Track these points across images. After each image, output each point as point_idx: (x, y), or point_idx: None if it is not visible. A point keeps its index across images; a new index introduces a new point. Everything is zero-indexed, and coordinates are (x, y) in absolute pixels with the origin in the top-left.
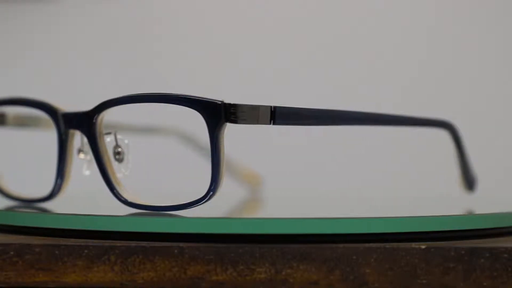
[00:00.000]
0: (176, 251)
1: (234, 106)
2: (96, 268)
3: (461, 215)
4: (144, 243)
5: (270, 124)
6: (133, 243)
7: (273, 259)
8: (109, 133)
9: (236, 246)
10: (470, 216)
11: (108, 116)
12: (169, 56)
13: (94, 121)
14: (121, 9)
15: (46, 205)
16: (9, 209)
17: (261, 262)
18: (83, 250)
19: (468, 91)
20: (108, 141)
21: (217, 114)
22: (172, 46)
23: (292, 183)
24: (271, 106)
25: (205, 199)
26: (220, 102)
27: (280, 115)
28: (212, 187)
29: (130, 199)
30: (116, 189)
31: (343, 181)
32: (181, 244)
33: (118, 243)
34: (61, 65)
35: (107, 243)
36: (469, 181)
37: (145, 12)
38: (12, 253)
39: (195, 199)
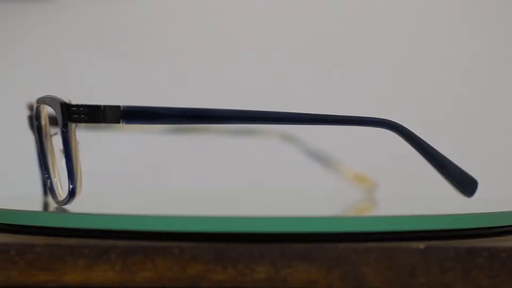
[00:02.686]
0: (176, 250)
1: (77, 106)
2: (96, 268)
3: (460, 214)
4: (144, 243)
5: (120, 123)
6: (133, 243)
7: (273, 259)
8: (56, 134)
9: (236, 245)
10: (469, 215)
11: None
12: (169, 56)
13: (37, 123)
14: (121, 8)
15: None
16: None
17: (261, 262)
18: (84, 250)
19: (469, 91)
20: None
21: (63, 114)
22: (173, 45)
23: (290, 182)
24: (119, 106)
25: (70, 198)
26: (63, 102)
27: (128, 114)
28: (71, 186)
29: (56, 191)
30: (50, 180)
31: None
32: (181, 244)
33: (118, 242)
34: (60, 65)
35: (108, 242)
36: (462, 184)
37: (145, 12)
38: (13, 252)
39: (62, 199)
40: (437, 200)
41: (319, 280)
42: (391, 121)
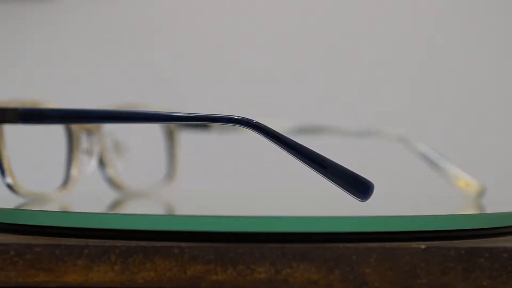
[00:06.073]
0: (176, 251)
1: None
2: (96, 268)
3: (460, 214)
4: (144, 243)
5: (18, 123)
6: (133, 243)
7: (273, 259)
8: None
9: (236, 245)
10: (470, 215)
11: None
12: (169, 56)
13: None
14: (121, 9)
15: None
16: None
17: (261, 262)
18: (84, 250)
19: (470, 91)
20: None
21: None
22: (172, 46)
23: (287, 182)
24: (16, 108)
25: (12, 191)
26: None
27: (24, 116)
28: (5, 180)
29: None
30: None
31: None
32: (181, 244)
33: (118, 242)
34: (60, 65)
35: (108, 242)
36: (351, 185)
37: (144, 12)
38: (12, 252)
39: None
40: None
41: (319, 280)
42: (244, 117)
